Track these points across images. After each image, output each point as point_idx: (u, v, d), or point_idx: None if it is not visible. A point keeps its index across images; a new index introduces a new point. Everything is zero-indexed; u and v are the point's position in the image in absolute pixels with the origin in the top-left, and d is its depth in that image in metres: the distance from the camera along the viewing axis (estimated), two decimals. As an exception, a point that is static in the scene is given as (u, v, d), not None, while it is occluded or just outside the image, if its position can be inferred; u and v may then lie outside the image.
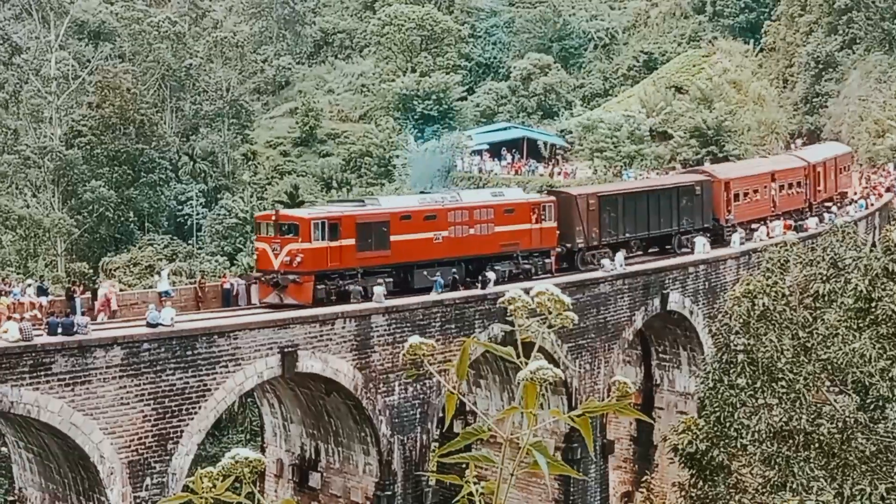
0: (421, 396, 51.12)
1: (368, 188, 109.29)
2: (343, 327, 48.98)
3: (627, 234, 62.81)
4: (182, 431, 44.31)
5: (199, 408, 44.84)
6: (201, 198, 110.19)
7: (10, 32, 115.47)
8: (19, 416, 42.15)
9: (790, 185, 76.56)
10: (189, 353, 44.69)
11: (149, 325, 44.41)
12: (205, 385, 44.99)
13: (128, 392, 43.12)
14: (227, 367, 45.61)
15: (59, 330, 42.44)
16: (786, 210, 75.15)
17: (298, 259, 49.09)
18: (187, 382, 44.53)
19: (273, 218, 51.60)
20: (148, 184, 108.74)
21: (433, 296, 52.62)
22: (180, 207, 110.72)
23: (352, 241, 50.41)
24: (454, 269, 53.76)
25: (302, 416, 53.41)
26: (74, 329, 42.52)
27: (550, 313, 5.59)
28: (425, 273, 52.92)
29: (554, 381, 5.26)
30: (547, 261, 57.73)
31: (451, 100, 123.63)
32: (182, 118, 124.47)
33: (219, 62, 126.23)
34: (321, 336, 48.27)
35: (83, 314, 44.48)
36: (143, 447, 43.41)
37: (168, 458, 43.94)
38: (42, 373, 41.32)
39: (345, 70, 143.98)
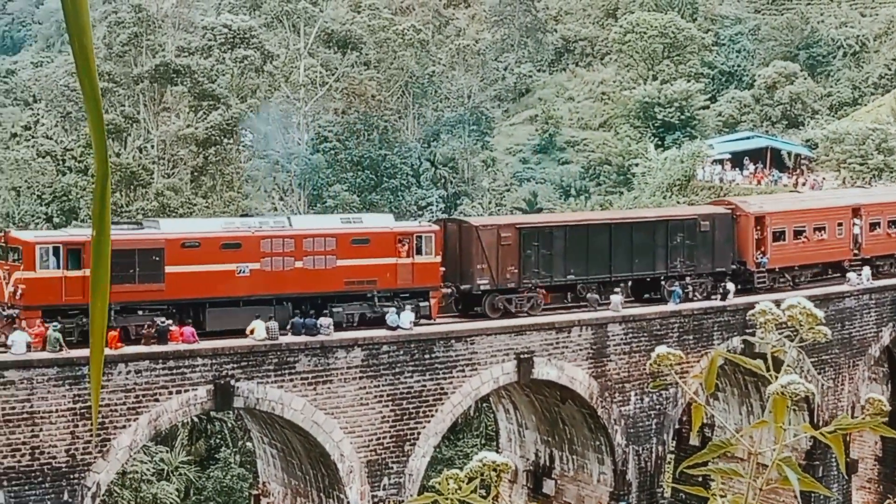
0: (657, 407, 50.61)
1: (607, 196, 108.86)
2: (579, 335, 48.90)
3: (572, 276, 51.06)
4: (419, 433, 44.97)
5: (436, 411, 45.43)
6: (441, 203, 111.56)
7: (263, 40, 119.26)
8: (264, 412, 43.53)
9: (893, 224, 62.16)
10: (427, 356, 45.33)
11: (388, 327, 45.22)
12: (441, 388, 45.56)
13: (367, 393, 44.02)
14: (463, 371, 46.08)
15: (303, 330, 43.65)
16: (885, 254, 61.49)
17: (21, 290, 40.94)
18: (424, 385, 45.18)
19: (2, 240, 43.41)
20: (390, 189, 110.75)
21: (671, 306, 52.04)
22: (421, 213, 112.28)
23: None
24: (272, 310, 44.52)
25: (537, 423, 53.52)
26: (317, 330, 43.64)
27: (802, 327, 5.46)
28: (225, 312, 43.87)
29: (805, 395, 5.14)
30: (423, 304, 47.11)
31: (693, 108, 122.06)
32: (424, 124, 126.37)
33: (461, 69, 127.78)
34: (557, 343, 48.30)
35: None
36: (381, 447, 44.22)
37: (405, 458, 44.65)
38: (286, 371, 42.59)
39: (585, 77, 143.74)
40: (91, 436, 39.42)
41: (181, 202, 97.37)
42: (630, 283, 52.88)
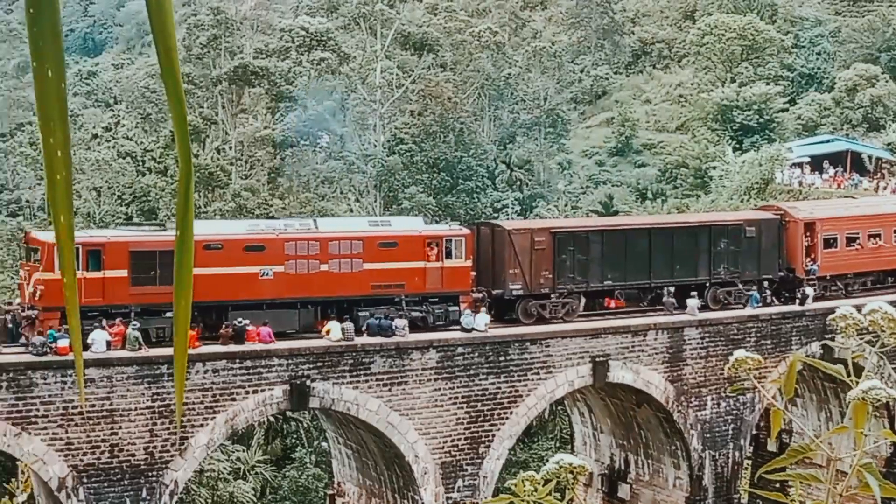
0: (734, 412, 50.22)
1: (683, 199, 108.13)
2: (655, 339, 48.66)
3: (609, 282, 50.18)
4: (493, 436, 44.98)
5: (511, 413, 45.41)
6: (517, 206, 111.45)
7: (339, 42, 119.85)
8: (339, 412, 43.76)
9: None
10: (502, 358, 45.33)
11: (463, 329, 45.24)
12: (516, 391, 45.54)
13: (442, 394, 44.11)
14: (538, 374, 46.03)
15: (378, 331, 43.81)
16: None
17: (39, 291, 40.24)
18: (499, 388, 45.18)
19: (24, 241, 43.29)
20: (465, 191, 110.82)
21: (748, 310, 51.61)
22: (496, 215, 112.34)
23: (122, 273, 41.15)
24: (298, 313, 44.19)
25: (612, 427, 53.31)
26: (392, 331, 43.78)
27: (883, 332, 5.40)
28: (248, 315, 42.77)
29: (886, 401, 5.08)
30: (453, 308, 46.30)
31: (772, 111, 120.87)
32: (499, 126, 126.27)
33: (537, 72, 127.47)
34: (633, 347, 48.10)
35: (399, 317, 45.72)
36: (455, 449, 44.29)
37: (479, 461, 44.68)
38: (361, 372, 42.79)
39: (662, 80, 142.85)
40: (170, 433, 39.88)
41: (258, 203, 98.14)
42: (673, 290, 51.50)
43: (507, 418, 45.30)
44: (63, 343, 38.76)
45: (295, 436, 72.06)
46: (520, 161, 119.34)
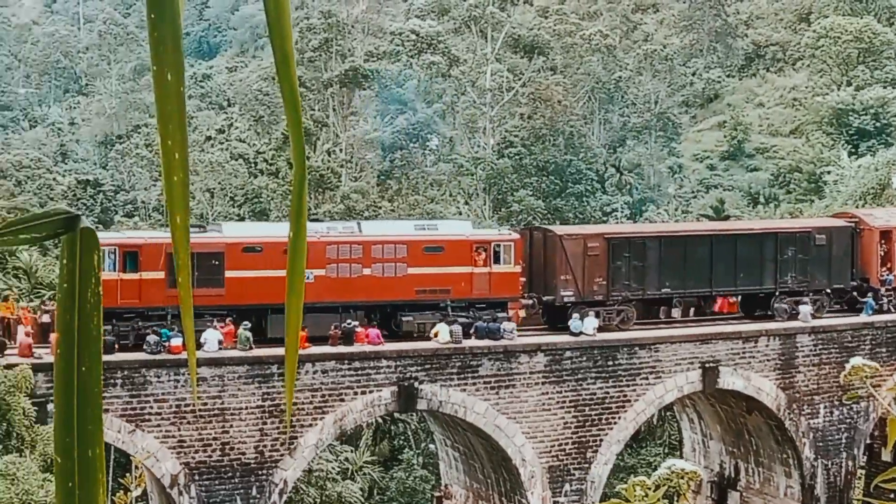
0: (847, 421, 49.42)
1: (797, 204, 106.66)
2: (766, 345, 48.09)
3: (667, 290, 48.54)
4: (601, 440, 44.79)
5: (619, 418, 45.18)
6: (626, 210, 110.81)
7: (450, 45, 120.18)
8: (447, 415, 43.87)
9: None
10: (610, 363, 45.13)
11: (571, 333, 45.12)
12: (625, 396, 45.30)
13: (549, 398, 44.03)
14: (647, 379, 45.74)
15: (486, 334, 43.87)
16: None
17: None
18: (607, 392, 44.98)
19: None
20: (574, 194, 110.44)
21: (863, 317, 50.74)
22: (605, 219, 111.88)
23: (160, 275, 40.32)
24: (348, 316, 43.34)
25: (722, 434, 52.77)
26: (500, 334, 43.81)
27: None
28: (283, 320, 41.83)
29: None
30: (501, 314, 45.34)
31: (889, 115, 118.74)
32: (609, 130, 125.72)
33: (648, 75, 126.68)
34: (744, 353, 47.57)
35: (509, 319, 45.69)
36: (563, 453, 44.18)
37: (587, 465, 44.51)
38: (469, 375, 42.87)
39: (776, 83, 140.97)
40: (280, 433, 40.30)
41: (367, 205, 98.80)
42: (740, 298, 50.77)
43: (615, 423, 45.07)
44: (176, 342, 39.44)
45: (402, 437, 72.41)
46: (630, 165, 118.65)
